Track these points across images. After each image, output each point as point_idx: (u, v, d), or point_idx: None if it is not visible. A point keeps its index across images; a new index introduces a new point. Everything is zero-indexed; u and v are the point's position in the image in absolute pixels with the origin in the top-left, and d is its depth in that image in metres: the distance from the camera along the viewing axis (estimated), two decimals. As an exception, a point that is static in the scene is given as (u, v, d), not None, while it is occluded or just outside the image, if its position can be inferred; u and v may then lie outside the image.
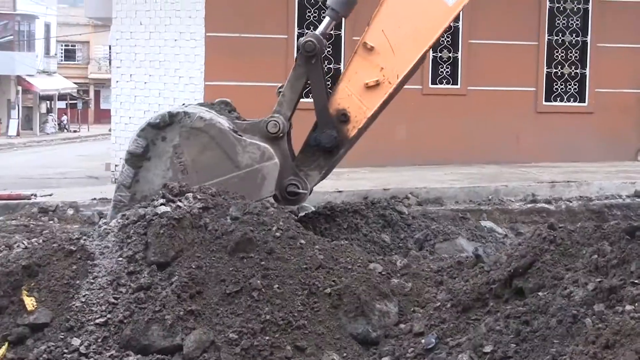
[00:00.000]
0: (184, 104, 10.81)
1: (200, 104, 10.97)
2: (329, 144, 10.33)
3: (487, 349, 6.38)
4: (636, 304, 5.89)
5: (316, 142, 10.41)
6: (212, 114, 10.25)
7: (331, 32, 10.90)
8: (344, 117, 10.36)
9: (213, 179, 9.93)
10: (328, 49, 12.38)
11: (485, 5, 17.75)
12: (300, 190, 10.27)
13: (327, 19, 10.55)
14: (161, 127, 10.09)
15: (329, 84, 10.93)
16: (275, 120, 10.17)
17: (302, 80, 10.50)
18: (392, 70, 10.37)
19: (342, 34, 17.21)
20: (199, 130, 9.93)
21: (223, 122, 10.12)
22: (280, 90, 10.65)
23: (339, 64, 16.95)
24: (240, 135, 10.09)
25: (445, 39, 17.66)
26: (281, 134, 10.19)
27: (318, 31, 10.51)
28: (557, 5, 18.36)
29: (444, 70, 17.88)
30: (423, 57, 10.68)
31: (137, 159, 10.03)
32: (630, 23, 18.57)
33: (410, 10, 10.48)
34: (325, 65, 10.90)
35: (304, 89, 10.62)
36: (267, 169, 10.10)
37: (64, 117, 73.61)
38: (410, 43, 10.44)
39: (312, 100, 10.44)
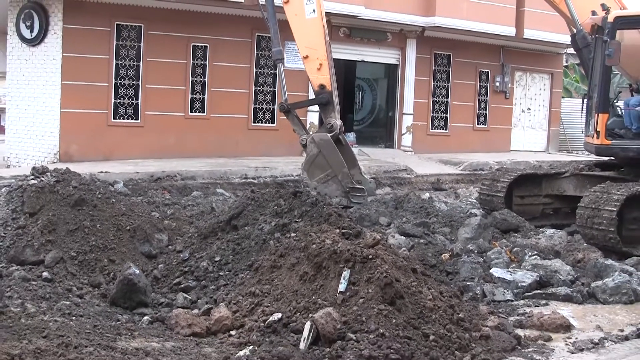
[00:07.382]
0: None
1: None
2: (325, 99, 11.06)
3: (217, 258, 6.54)
4: (296, 232, 6.18)
5: (323, 104, 11.13)
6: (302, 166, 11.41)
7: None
8: (322, 87, 11.05)
9: (325, 169, 11.01)
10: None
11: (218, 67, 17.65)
12: (338, 122, 11.02)
13: (279, 71, 11.51)
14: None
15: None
16: (303, 138, 11.24)
17: (294, 118, 11.50)
18: (321, 55, 11.07)
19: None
20: (309, 160, 11.15)
21: (303, 164, 11.33)
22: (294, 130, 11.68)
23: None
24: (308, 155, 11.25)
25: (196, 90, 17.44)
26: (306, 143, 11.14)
27: (282, 92, 11.46)
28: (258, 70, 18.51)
29: (198, 104, 17.62)
30: (327, 43, 11.29)
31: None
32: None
33: (303, 31, 11.33)
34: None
35: (299, 119, 11.69)
36: (319, 137, 11.01)
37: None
38: (317, 39, 11.20)
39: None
